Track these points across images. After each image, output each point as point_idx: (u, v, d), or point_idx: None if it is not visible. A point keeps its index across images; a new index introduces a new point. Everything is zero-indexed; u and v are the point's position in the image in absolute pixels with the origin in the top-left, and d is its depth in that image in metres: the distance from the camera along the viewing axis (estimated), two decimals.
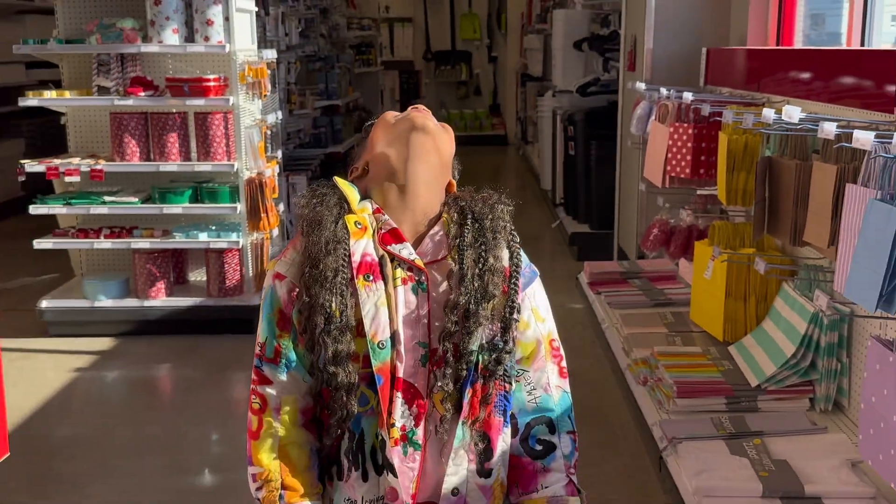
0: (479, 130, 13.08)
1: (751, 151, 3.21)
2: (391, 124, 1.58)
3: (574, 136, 6.41)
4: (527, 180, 9.80)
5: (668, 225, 4.07)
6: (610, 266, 4.94)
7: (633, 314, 4.09)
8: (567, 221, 6.64)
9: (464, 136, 12.85)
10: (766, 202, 2.93)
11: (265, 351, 1.48)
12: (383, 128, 1.58)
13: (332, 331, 1.43)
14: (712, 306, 3.57)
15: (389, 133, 1.56)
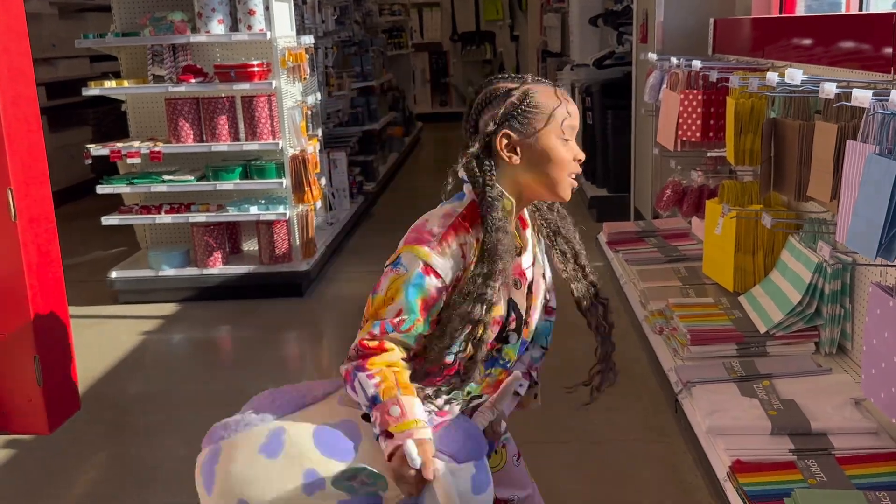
0: None
1: (756, 114, 3.15)
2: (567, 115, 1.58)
3: (591, 106, 6.32)
4: None
5: (681, 186, 4.01)
6: (627, 226, 4.89)
7: (649, 270, 4.05)
8: (586, 186, 6.58)
9: None
10: (772, 161, 2.87)
11: (402, 324, 1.52)
12: (557, 118, 1.57)
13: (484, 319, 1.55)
14: (723, 260, 3.53)
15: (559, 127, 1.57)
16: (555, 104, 1.57)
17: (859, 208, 2.04)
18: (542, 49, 10.94)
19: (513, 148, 1.57)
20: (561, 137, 1.57)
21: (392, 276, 1.51)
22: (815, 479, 2.19)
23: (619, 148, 5.83)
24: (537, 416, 3.13)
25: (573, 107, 1.61)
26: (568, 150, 1.58)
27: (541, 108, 1.56)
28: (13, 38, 1.87)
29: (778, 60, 3.41)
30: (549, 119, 1.56)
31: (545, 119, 1.56)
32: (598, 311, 1.83)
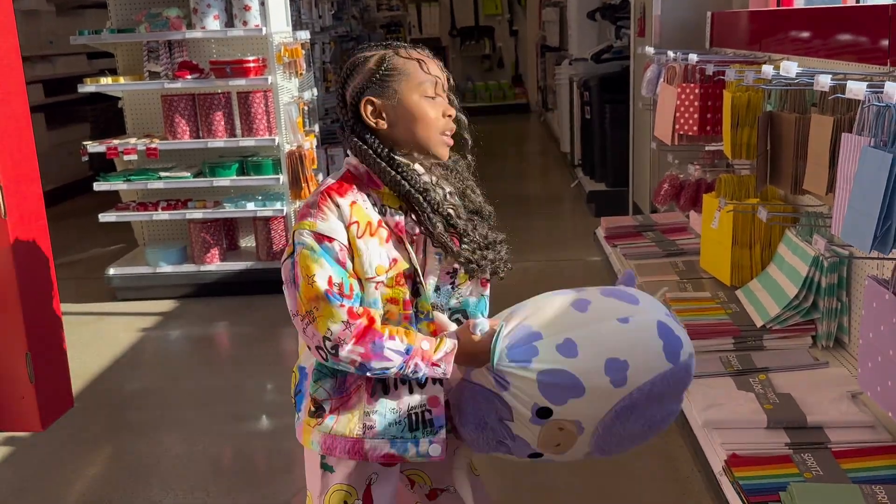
0: (502, 100, 12.95)
1: (753, 108, 3.14)
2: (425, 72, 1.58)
3: (590, 100, 6.31)
4: (547, 145, 9.70)
5: (678, 180, 4.00)
6: (625, 220, 4.89)
7: (647, 264, 4.05)
8: (585, 181, 6.57)
9: (489, 106, 12.75)
10: (768, 154, 2.86)
11: (343, 288, 1.52)
12: (414, 76, 1.57)
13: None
14: (720, 254, 3.52)
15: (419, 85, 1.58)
16: (411, 63, 1.57)
17: (854, 201, 2.03)
18: (540, 43, 10.93)
19: (378, 114, 1.58)
20: (424, 95, 1.57)
21: (299, 259, 1.53)
22: (811, 473, 2.18)
23: (618, 142, 5.82)
24: None
25: (434, 64, 1.60)
26: (434, 106, 1.58)
27: (398, 69, 1.57)
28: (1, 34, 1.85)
29: (775, 53, 3.40)
30: (407, 78, 1.56)
31: (403, 79, 1.56)
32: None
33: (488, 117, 12.26)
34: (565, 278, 4.72)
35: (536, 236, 5.71)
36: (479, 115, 12.42)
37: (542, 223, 6.14)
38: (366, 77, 1.57)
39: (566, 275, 4.80)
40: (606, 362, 1.50)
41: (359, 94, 1.57)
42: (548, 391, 1.50)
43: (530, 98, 12.83)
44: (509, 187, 7.43)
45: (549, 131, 10.27)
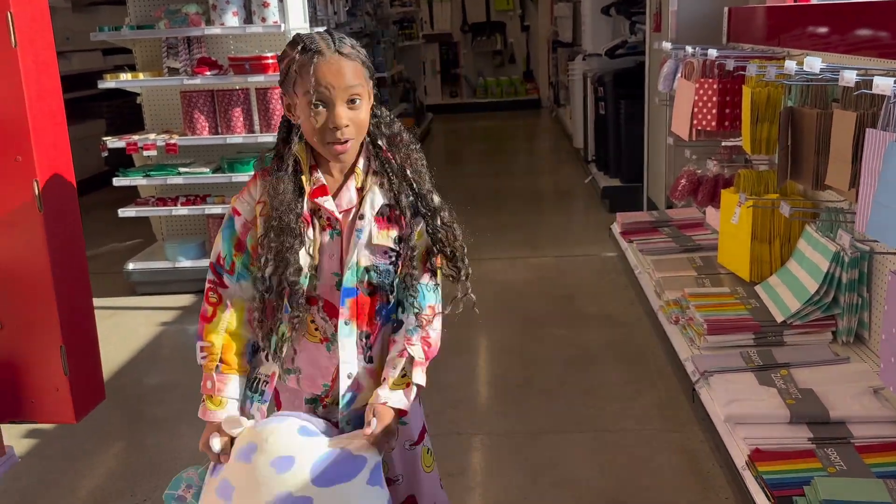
0: (514, 96, 12.94)
1: (773, 103, 3.13)
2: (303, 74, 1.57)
3: (604, 96, 6.30)
4: (559, 141, 9.69)
5: (696, 175, 4.00)
6: (640, 216, 4.88)
7: (664, 259, 4.05)
8: (599, 177, 6.57)
9: (500, 101, 12.75)
10: (789, 150, 2.86)
11: (224, 263, 1.67)
12: (302, 77, 1.57)
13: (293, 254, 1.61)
14: (739, 249, 3.52)
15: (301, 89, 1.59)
16: (305, 66, 1.54)
17: (880, 197, 2.03)
18: (552, 39, 10.91)
19: (290, 108, 1.62)
20: (308, 100, 1.55)
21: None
22: (834, 468, 2.19)
23: (632, 138, 5.82)
24: (552, 405, 3.17)
25: (329, 68, 1.54)
26: (316, 116, 1.55)
27: (294, 70, 1.57)
28: (37, 30, 1.87)
29: (794, 48, 3.39)
30: (300, 80, 1.55)
31: (298, 80, 1.56)
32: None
33: (500, 112, 12.27)
34: (581, 273, 4.73)
35: (551, 232, 5.71)
36: (490, 111, 12.44)
37: (556, 218, 6.14)
38: (281, 71, 1.61)
39: (582, 270, 4.80)
40: None
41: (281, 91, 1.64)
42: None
43: (542, 94, 12.82)
44: (522, 183, 7.43)
45: (561, 127, 10.26)
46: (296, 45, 1.57)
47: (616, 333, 3.80)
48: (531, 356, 3.66)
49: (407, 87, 9.54)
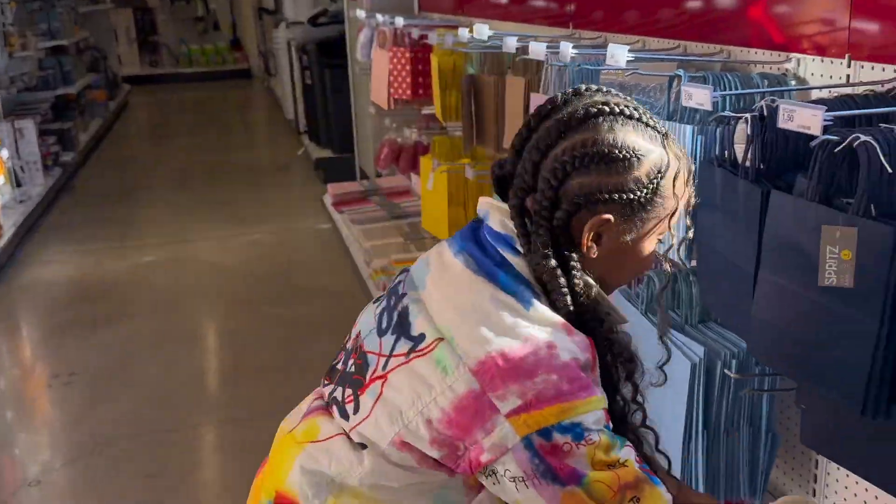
0: (221, 65, 12.48)
1: (459, 71, 3.30)
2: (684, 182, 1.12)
3: (309, 65, 6.29)
4: (273, 112, 9.53)
5: (397, 143, 4.13)
6: (351, 186, 4.96)
7: (373, 228, 4.15)
8: (312, 148, 6.57)
9: (207, 71, 12.23)
10: (473, 116, 3.04)
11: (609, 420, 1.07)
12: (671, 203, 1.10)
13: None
14: (438, 214, 3.70)
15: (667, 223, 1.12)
16: (681, 186, 1.11)
17: None
18: (257, 6, 10.65)
19: (598, 238, 1.08)
20: (665, 228, 1.12)
21: (586, 452, 1.00)
22: None
23: (340, 108, 5.86)
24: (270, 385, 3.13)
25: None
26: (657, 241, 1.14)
27: (666, 198, 1.09)
28: None
29: (477, 18, 3.60)
30: (664, 208, 1.09)
31: (665, 216, 1.10)
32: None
33: (207, 83, 11.77)
34: (295, 248, 4.71)
35: (265, 207, 5.62)
36: (197, 82, 11.89)
37: (270, 193, 6.05)
38: (624, 186, 1.05)
39: (296, 244, 4.79)
40: None
41: (593, 201, 1.05)
42: None
43: (252, 63, 12.50)
44: (235, 157, 7.22)
45: (273, 98, 10.09)
46: (654, 146, 1.07)
47: (332, 306, 3.84)
48: (246, 337, 3.59)
49: (96, 56, 8.80)
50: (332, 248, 4.65)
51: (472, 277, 1.06)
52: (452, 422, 1.00)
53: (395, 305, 1.12)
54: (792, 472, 1.84)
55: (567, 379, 0.98)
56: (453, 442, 1.01)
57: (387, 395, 1.05)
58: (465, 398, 0.99)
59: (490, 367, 0.98)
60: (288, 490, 1.11)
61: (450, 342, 1.02)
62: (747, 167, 1.37)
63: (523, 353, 0.98)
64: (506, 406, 0.97)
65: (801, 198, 1.22)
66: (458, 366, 1.00)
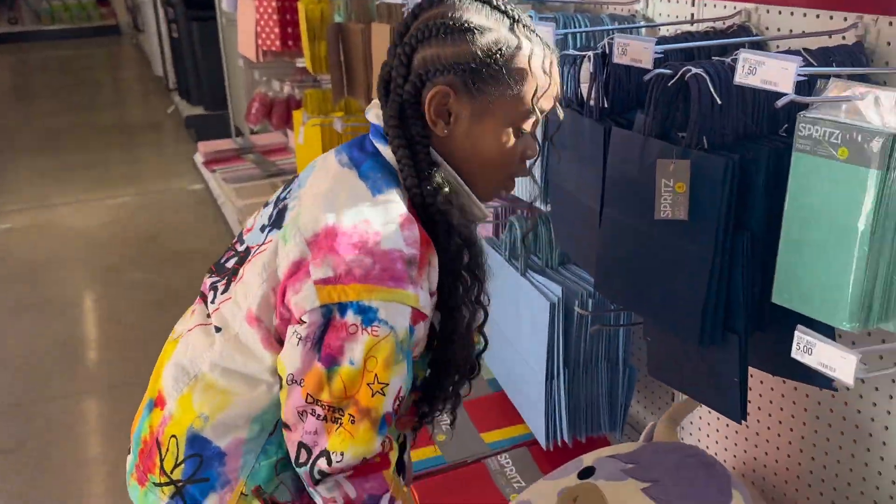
0: (87, 21, 11.78)
1: (327, 20, 3.22)
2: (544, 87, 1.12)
3: (175, 18, 6.00)
4: (143, 69, 9.08)
5: (268, 98, 4.01)
6: (224, 144, 4.80)
7: (247, 187, 4.04)
8: (182, 105, 6.31)
9: (72, 28, 11.52)
10: (342, 66, 2.97)
11: (401, 407, 1.09)
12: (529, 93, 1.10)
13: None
14: None
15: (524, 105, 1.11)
16: (539, 67, 1.11)
17: None
18: None
19: (444, 112, 1.09)
20: (519, 125, 1.12)
21: (367, 340, 1.02)
22: None
23: (210, 62, 5.64)
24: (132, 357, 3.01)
25: (556, 72, 1.14)
26: (519, 144, 1.14)
27: (514, 70, 1.08)
28: None
29: None
30: (520, 91, 1.09)
31: (513, 87, 1.09)
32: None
33: (73, 41, 11.11)
34: (165, 210, 4.53)
35: (134, 169, 5.37)
36: (61, 40, 11.21)
37: (141, 153, 5.78)
38: (461, 56, 1.06)
39: (166, 206, 4.60)
40: None
41: (433, 72, 1.07)
42: None
43: (120, 19, 11.85)
44: (104, 118, 6.86)
45: (143, 54, 9.63)
46: (499, 17, 1.09)
47: (203, 270, 3.71)
48: (112, 305, 3.43)
49: None
50: (204, 209, 4.50)
51: (338, 170, 1.12)
52: (285, 286, 1.07)
53: (278, 203, 1.18)
54: (651, 406, 1.91)
55: (381, 266, 1.02)
56: (280, 303, 1.09)
57: (244, 276, 1.14)
58: (296, 264, 1.06)
59: (319, 238, 1.05)
60: (161, 387, 1.20)
61: (295, 219, 1.09)
62: (591, 106, 1.38)
63: (349, 231, 1.04)
64: (317, 273, 1.03)
65: (639, 133, 1.24)
66: (294, 235, 1.07)
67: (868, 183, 0.96)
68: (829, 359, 0.90)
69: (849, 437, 1.37)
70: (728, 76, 1.11)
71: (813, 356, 0.92)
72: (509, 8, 1.11)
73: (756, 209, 1.14)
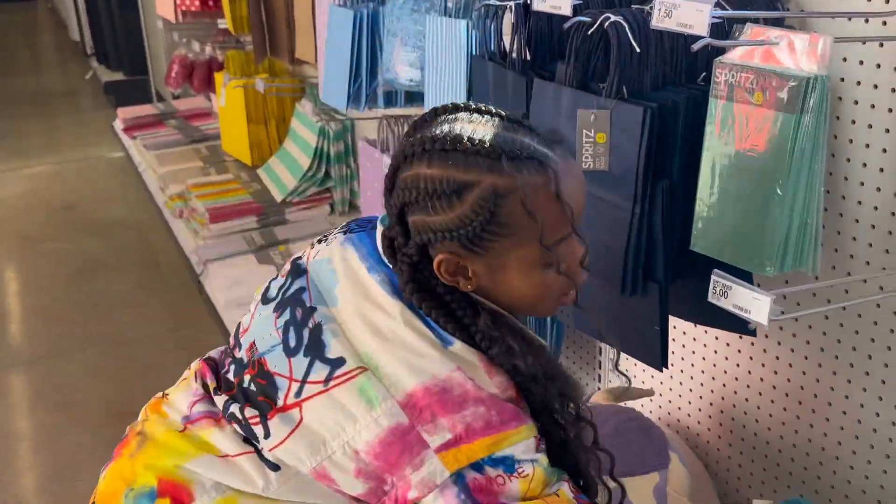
0: None
1: None
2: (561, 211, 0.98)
3: None
4: (60, 34, 8.73)
5: (188, 60, 3.89)
6: (144, 110, 4.64)
7: (169, 153, 3.92)
8: (101, 71, 6.09)
9: None
10: (265, 26, 2.90)
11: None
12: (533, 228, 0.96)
13: None
14: (238, 134, 3.54)
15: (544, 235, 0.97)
16: (542, 204, 0.96)
17: (329, 61, 2.14)
18: None
19: (461, 270, 0.99)
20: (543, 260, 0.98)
21: (520, 485, 0.95)
22: None
23: (129, 25, 5.44)
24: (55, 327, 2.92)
25: (571, 170, 0.98)
26: (558, 274, 1.00)
27: (512, 218, 0.95)
28: None
29: None
30: (527, 234, 0.96)
31: (519, 236, 0.96)
32: None
33: None
34: (84, 179, 4.37)
35: (51, 137, 5.17)
36: None
37: (58, 121, 5.56)
38: (449, 224, 0.95)
39: (85, 175, 4.45)
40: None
41: (430, 240, 0.97)
42: None
43: None
44: (18, 85, 6.58)
45: (58, 19, 9.25)
46: (497, 158, 0.94)
47: (125, 239, 3.61)
48: (28, 277, 3.31)
49: None
50: (124, 177, 4.36)
51: (389, 300, 0.98)
52: (379, 455, 0.94)
53: (305, 321, 1.00)
54: (580, 361, 1.93)
55: (496, 410, 0.94)
56: (380, 475, 0.95)
57: (306, 423, 0.96)
58: (393, 432, 0.93)
59: (418, 399, 0.93)
60: (178, 478, 1.00)
61: (374, 372, 0.95)
62: (514, 58, 1.37)
63: (450, 385, 0.93)
64: (435, 440, 0.92)
65: (560, 84, 1.23)
66: (384, 398, 0.93)
67: (782, 127, 0.96)
68: (743, 301, 0.92)
69: (768, 382, 1.40)
70: (647, 23, 1.10)
71: (728, 299, 0.93)
72: (488, 139, 0.94)
73: (675, 157, 1.14)
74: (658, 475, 1.30)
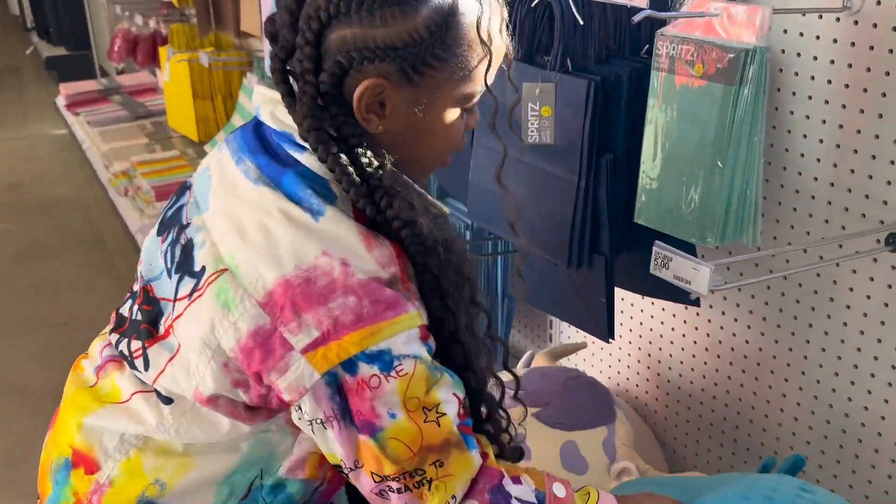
0: None
1: None
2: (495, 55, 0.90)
3: None
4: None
5: (132, 34, 3.79)
6: (88, 86, 4.53)
7: (113, 130, 3.83)
8: (42, 46, 5.91)
9: None
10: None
11: (465, 417, 0.89)
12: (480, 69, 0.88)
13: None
14: (184, 109, 3.47)
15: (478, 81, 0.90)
16: (491, 35, 0.88)
17: None
18: None
19: (377, 108, 0.87)
20: (469, 95, 0.91)
21: (397, 386, 0.83)
22: None
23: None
24: None
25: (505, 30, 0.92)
26: (466, 119, 0.94)
27: (464, 44, 0.86)
28: None
29: None
30: (472, 65, 0.88)
31: (464, 66, 0.87)
32: None
33: None
34: (26, 157, 4.26)
35: None
36: None
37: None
38: (396, 39, 0.83)
39: (27, 153, 4.33)
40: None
41: (358, 59, 0.84)
42: None
43: None
44: None
45: None
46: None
47: (70, 218, 3.53)
48: None
49: None
50: (70, 155, 4.26)
51: (252, 190, 0.87)
52: (244, 363, 0.85)
53: (179, 238, 0.91)
54: (531, 335, 1.95)
55: (369, 299, 0.82)
56: (254, 383, 0.86)
57: (176, 345, 0.90)
58: (254, 337, 0.83)
59: (278, 297, 0.82)
60: (85, 446, 0.96)
61: (234, 271, 0.84)
62: None
63: (314, 275, 0.82)
64: (301, 340, 0.82)
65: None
66: (241, 299, 0.83)
67: (722, 99, 0.97)
68: (684, 272, 0.93)
69: (713, 352, 1.43)
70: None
71: (669, 270, 0.94)
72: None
73: (619, 130, 1.15)
74: (606, 429, 1.33)
